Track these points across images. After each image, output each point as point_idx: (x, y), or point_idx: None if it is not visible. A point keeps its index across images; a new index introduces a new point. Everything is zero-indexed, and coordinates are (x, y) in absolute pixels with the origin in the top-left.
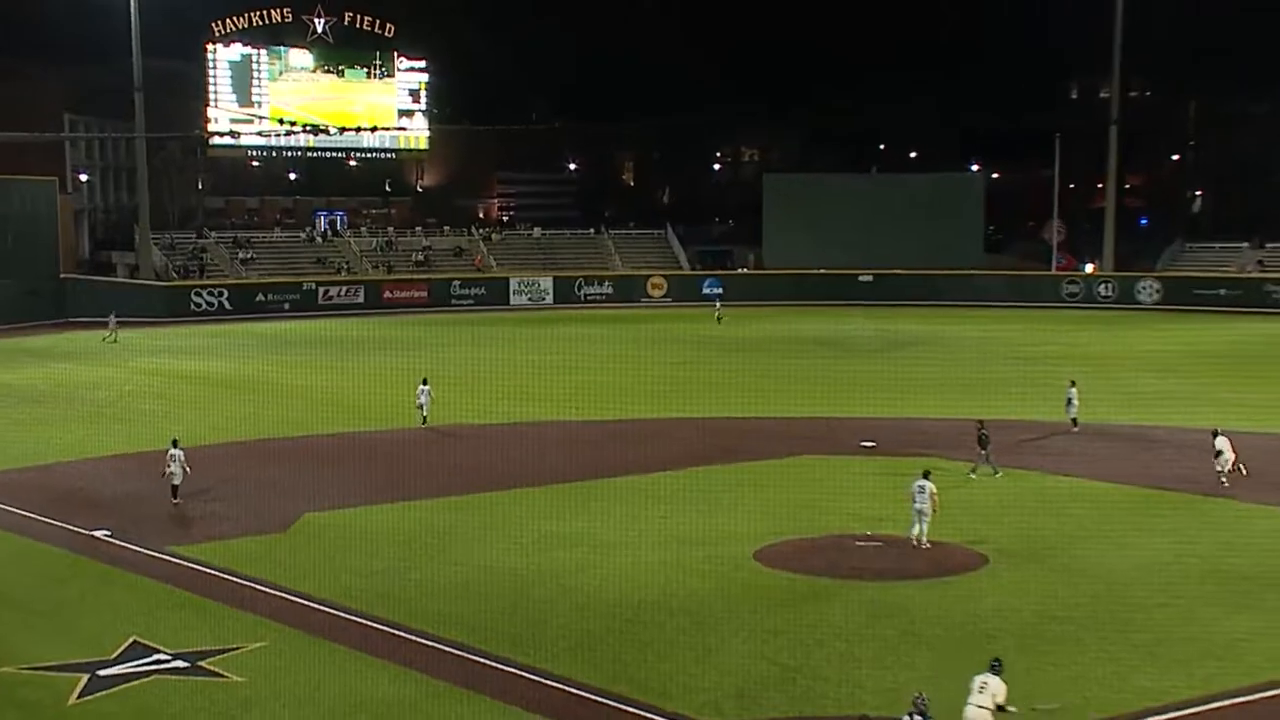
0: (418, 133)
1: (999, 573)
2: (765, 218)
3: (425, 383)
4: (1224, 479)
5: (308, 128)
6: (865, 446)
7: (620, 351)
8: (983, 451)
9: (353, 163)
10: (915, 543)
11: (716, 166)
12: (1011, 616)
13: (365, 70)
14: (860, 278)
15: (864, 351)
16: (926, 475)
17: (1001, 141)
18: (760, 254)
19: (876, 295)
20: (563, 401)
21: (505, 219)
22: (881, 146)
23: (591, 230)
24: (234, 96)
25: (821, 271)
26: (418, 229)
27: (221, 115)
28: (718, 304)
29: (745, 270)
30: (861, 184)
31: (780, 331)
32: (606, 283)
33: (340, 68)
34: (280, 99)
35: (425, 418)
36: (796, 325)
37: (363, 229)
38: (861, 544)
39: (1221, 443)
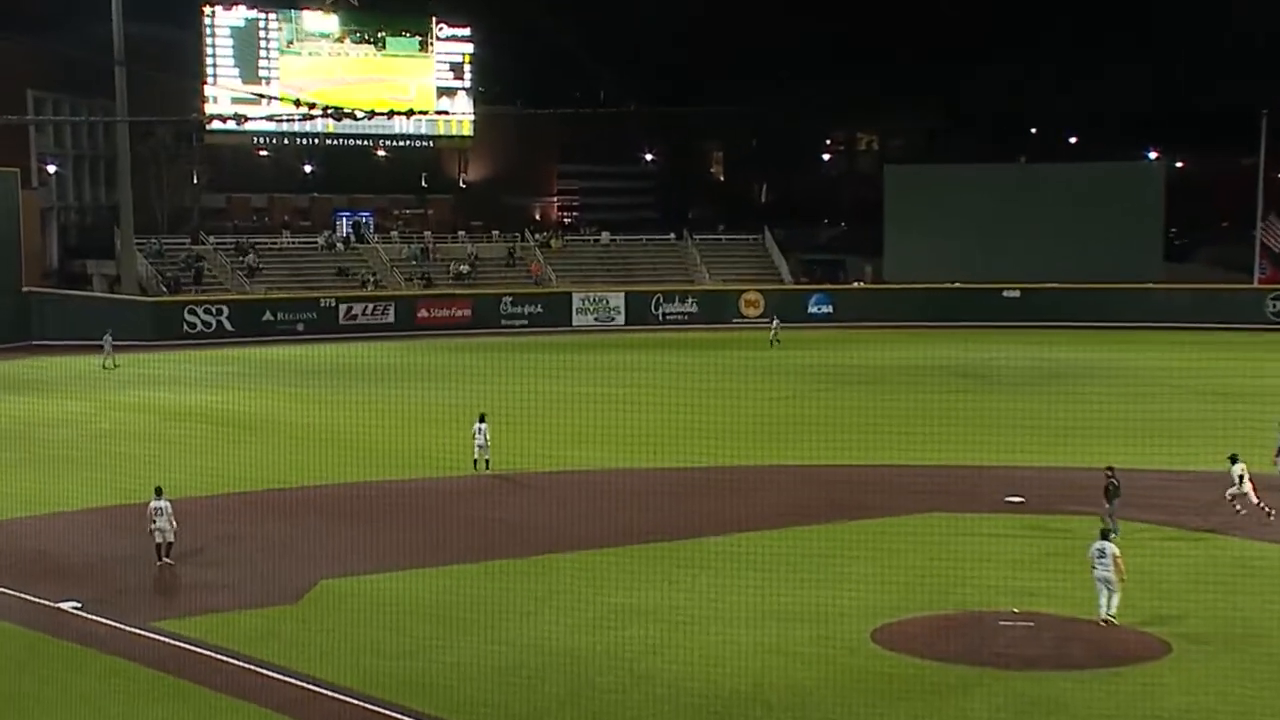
0: (461, 116)
1: (1186, 664)
2: (887, 219)
3: (483, 420)
4: (1239, 508)
5: (330, 110)
6: (1011, 502)
7: (707, 384)
8: (1108, 506)
9: (381, 153)
10: (1103, 622)
11: (826, 157)
12: None
13: (418, 40)
14: (1005, 293)
15: (1010, 385)
16: (1106, 535)
17: (1188, 121)
18: (880, 263)
19: (1025, 314)
20: (637, 444)
21: (567, 221)
22: (1032, 130)
23: (672, 235)
24: (237, 71)
25: (956, 285)
26: (460, 234)
27: (222, 94)
28: (775, 322)
29: (861, 284)
30: (1007, 176)
31: (904, 359)
32: (690, 299)
33: (381, 35)
34: (295, 78)
35: (486, 462)
36: (925, 351)
37: (393, 233)
38: (1007, 623)
39: (1239, 470)
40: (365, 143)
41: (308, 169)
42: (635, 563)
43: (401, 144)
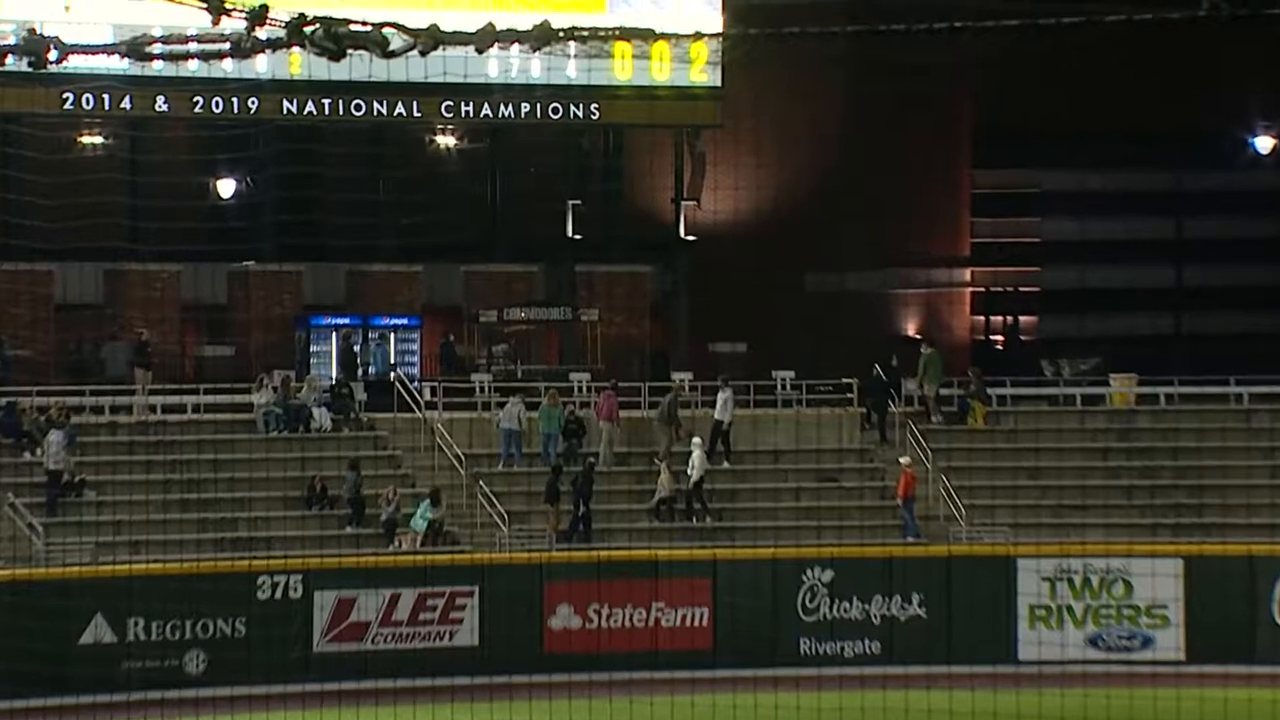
0: (685, 38)
1: None
2: None
3: None
4: None
5: (318, 25)
6: None
7: None
8: None
9: (448, 141)
10: None
11: None
12: None
13: None
14: None
15: None
16: None
17: None
18: None
19: None
20: None
21: (998, 340)
22: None
23: None
24: None
25: None
26: (681, 381)
27: None
28: None
29: None
30: None
31: None
32: None
33: None
34: None
35: None
36: None
37: (478, 376)
38: None
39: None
40: (409, 113)
41: (227, 191)
42: None
43: (506, 116)
